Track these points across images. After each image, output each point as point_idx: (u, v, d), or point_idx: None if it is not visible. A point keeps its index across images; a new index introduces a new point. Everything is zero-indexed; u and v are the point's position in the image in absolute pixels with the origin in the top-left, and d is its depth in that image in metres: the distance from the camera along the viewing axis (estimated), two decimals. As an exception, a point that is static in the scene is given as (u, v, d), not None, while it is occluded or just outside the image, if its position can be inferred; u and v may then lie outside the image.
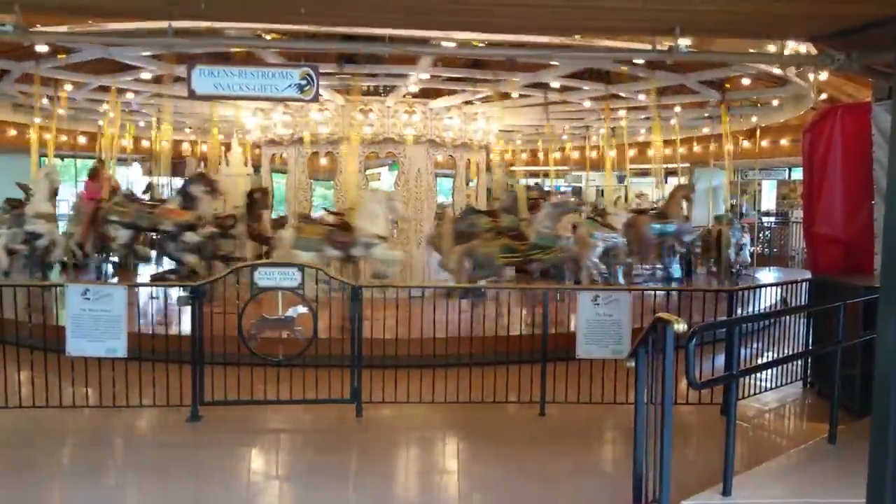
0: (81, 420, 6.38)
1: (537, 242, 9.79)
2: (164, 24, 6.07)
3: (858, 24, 5.38)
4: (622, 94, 13.03)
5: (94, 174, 13.26)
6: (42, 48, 9.44)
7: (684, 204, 13.16)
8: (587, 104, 14.14)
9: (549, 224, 9.83)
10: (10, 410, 6.21)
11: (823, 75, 11.14)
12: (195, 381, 6.32)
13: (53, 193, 11.34)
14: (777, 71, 10.29)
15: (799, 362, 7.51)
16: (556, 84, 12.13)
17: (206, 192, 10.96)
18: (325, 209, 12.24)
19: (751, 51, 8.73)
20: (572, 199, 13.18)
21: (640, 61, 8.75)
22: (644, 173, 20.65)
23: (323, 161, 13.72)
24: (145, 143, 20.23)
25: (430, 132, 12.77)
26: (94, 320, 6.24)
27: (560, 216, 9.94)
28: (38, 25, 7.52)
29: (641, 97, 13.21)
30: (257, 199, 12.24)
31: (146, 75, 11.71)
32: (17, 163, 14.29)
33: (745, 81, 12.34)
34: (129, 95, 13.58)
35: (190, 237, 10.70)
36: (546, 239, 9.78)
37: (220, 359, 6.60)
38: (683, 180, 16.30)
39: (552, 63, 10.33)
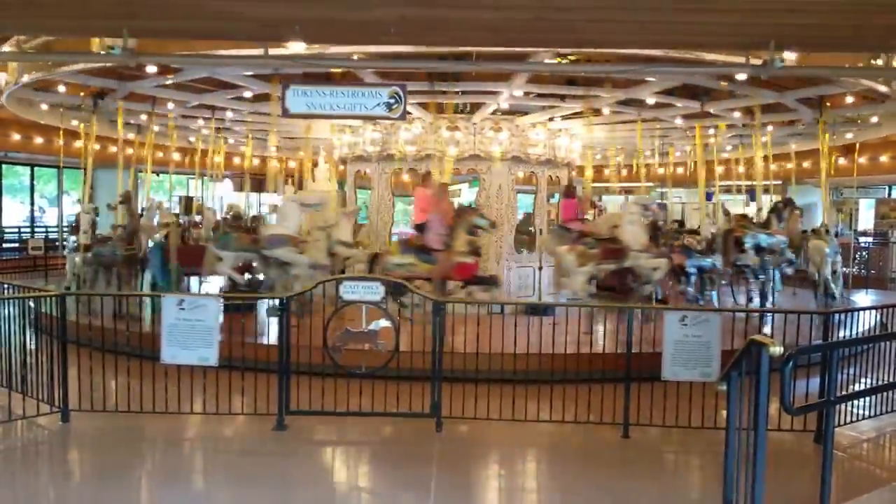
0: (171, 426, 6.62)
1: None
2: (259, 51, 6.30)
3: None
4: (713, 112, 12.74)
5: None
6: (152, 68, 9.89)
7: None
8: (678, 121, 13.89)
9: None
10: (103, 414, 6.50)
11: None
12: (281, 390, 6.47)
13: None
14: (883, 88, 9.87)
15: (899, 390, 7.12)
16: (651, 101, 11.98)
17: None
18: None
19: (849, 65, 8.41)
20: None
21: (743, 76, 8.54)
22: (728, 190, 20.09)
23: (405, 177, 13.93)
24: (236, 160, 20.98)
25: (516, 149, 12.79)
26: (188, 329, 6.48)
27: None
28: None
29: (736, 114, 12.90)
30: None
31: (247, 94, 12.10)
32: (110, 177, 14.94)
33: (849, 99, 11.89)
34: (229, 114, 14.08)
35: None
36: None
37: (305, 369, 6.75)
38: (776, 198, 15.72)
39: (648, 79, 10.20)
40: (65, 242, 13.92)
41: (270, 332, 7.79)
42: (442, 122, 12.23)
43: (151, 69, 9.88)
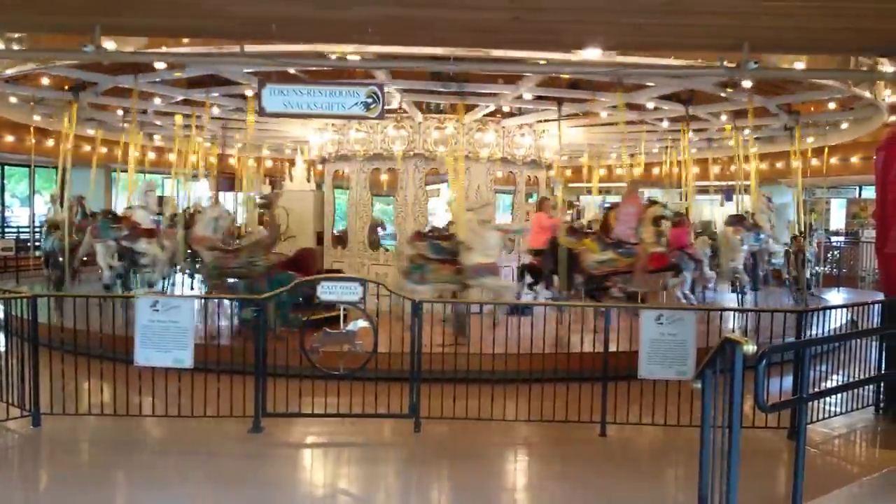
0: (145, 429, 6.55)
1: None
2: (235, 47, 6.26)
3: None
4: (699, 115, 12.92)
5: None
6: (160, 64, 9.72)
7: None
8: (665, 124, 14.02)
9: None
10: (76, 418, 6.41)
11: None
12: (258, 392, 6.43)
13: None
14: (868, 94, 10.06)
15: (870, 387, 7.24)
16: (651, 105, 12.16)
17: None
18: None
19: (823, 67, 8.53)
20: None
21: (748, 84, 8.65)
22: (704, 191, 20.30)
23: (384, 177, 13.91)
24: (211, 160, 20.75)
25: (502, 150, 12.87)
26: (162, 331, 6.41)
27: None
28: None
29: (724, 118, 13.07)
30: None
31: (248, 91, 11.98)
32: (83, 175, 14.67)
33: (832, 105, 12.13)
34: (215, 110, 13.94)
35: None
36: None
37: (282, 371, 6.72)
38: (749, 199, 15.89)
39: (648, 84, 10.29)
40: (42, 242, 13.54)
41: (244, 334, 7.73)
42: (431, 122, 12.27)
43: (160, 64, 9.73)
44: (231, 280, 9.90)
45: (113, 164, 17.04)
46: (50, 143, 15.98)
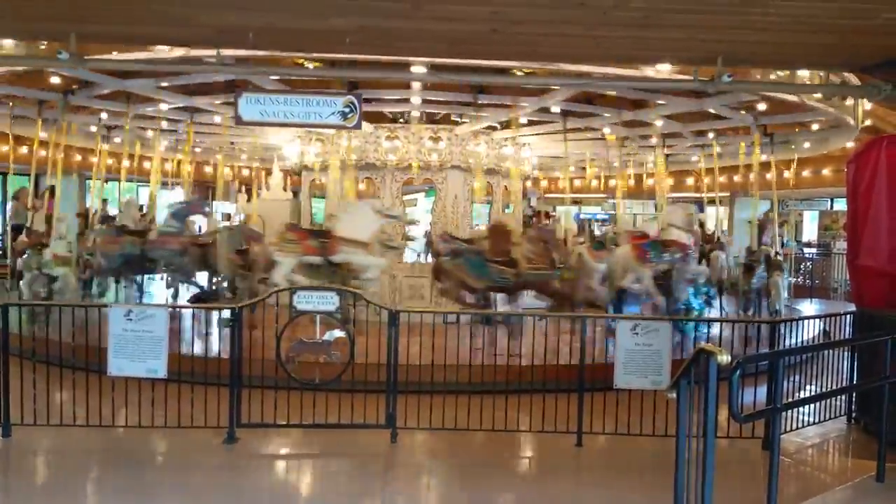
0: (118, 440, 6.46)
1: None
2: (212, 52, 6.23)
3: (906, 54, 5.33)
4: (657, 123, 13.05)
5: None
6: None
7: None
8: (607, 130, 14.14)
9: None
10: (48, 428, 6.31)
11: (868, 105, 11.03)
12: (232, 403, 6.37)
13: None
14: (833, 109, 10.23)
15: (843, 396, 7.33)
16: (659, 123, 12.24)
17: None
18: None
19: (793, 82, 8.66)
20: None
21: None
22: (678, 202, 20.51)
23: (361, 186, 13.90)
24: (188, 168, 20.57)
25: (457, 158, 12.81)
26: (135, 341, 6.33)
27: None
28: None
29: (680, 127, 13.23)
30: None
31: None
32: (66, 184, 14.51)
33: (815, 127, 12.36)
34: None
35: None
36: None
37: (257, 381, 6.66)
38: (724, 210, 16.11)
39: (553, 87, 10.30)
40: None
41: (222, 343, 7.66)
42: (425, 133, 12.32)
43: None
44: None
45: (87, 172, 16.84)
46: (23, 150, 15.73)
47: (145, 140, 16.15)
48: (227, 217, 17.11)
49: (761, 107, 11.42)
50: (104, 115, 13.48)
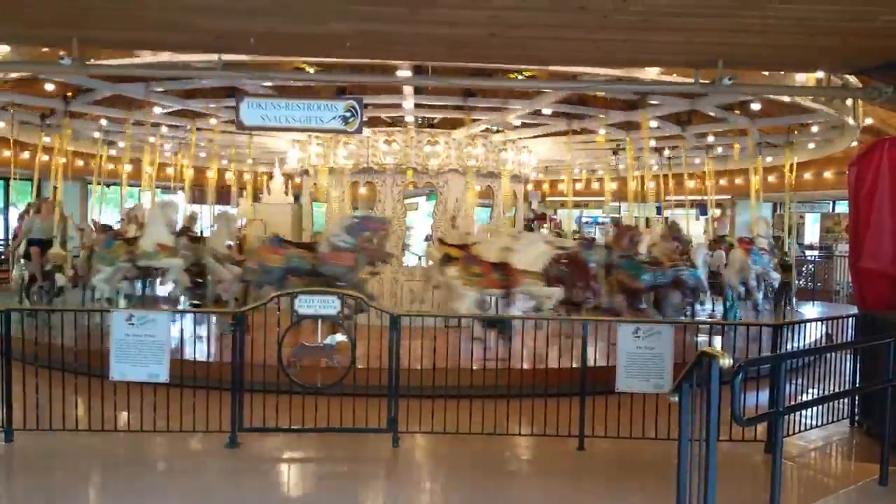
0: (120, 444, 6.45)
1: None
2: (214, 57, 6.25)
3: (906, 56, 5.33)
4: (656, 125, 13.07)
5: None
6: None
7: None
8: (652, 143, 14.18)
9: None
10: (50, 433, 6.31)
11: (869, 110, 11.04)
12: (234, 407, 6.37)
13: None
14: (832, 111, 10.22)
15: (845, 400, 7.32)
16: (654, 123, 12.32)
17: None
18: None
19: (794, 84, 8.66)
20: None
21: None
22: (680, 205, 20.50)
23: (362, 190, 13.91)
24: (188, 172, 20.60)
25: (456, 162, 12.83)
26: (137, 345, 6.33)
27: None
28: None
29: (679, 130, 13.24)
30: None
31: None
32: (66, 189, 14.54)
33: (815, 129, 12.36)
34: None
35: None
36: None
37: (259, 386, 6.65)
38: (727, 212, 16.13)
39: (544, 91, 10.33)
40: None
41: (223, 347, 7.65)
42: (424, 136, 12.34)
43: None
44: None
45: (88, 177, 16.87)
46: (25, 155, 15.77)
47: (146, 144, 16.17)
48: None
49: (755, 106, 11.40)
50: (104, 122, 13.48)
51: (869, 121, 12.64)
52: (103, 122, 13.58)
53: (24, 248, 11.92)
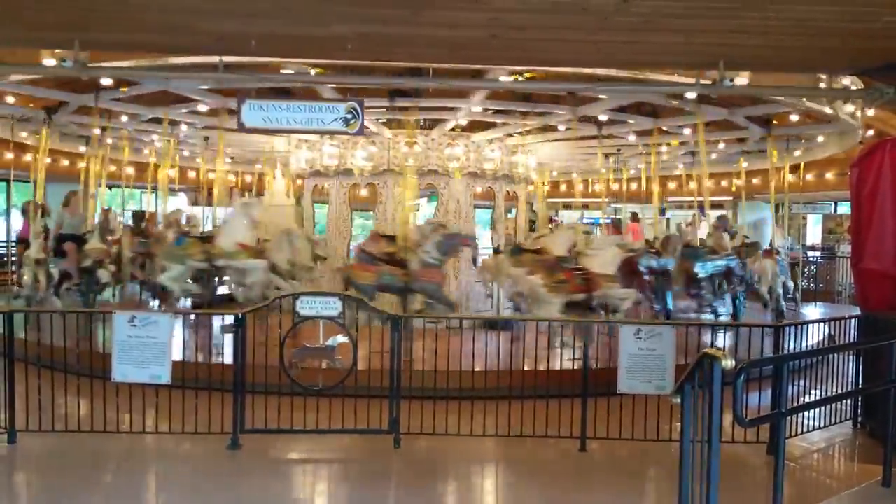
0: (123, 445, 6.46)
1: None
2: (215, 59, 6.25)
3: (908, 57, 5.33)
4: (666, 129, 13.03)
5: None
6: (106, 81, 9.59)
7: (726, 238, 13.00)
8: (631, 138, 14.15)
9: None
10: (53, 434, 6.32)
11: (871, 111, 11.00)
12: (236, 408, 6.37)
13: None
14: (827, 110, 10.19)
15: (848, 401, 7.31)
16: (603, 117, 12.21)
17: None
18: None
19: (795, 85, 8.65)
20: None
21: (692, 96, 8.88)
22: (680, 206, 20.51)
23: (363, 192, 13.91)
24: (191, 174, 20.67)
25: (473, 164, 12.89)
26: (140, 347, 6.34)
27: None
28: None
29: (686, 131, 13.19)
30: None
31: (203, 107, 11.92)
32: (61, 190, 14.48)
33: (794, 118, 12.25)
34: (182, 127, 13.88)
35: None
36: None
37: (260, 387, 6.66)
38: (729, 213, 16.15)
39: (599, 97, 10.39)
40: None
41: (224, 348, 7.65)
42: (401, 138, 12.27)
43: (106, 81, 9.64)
44: None
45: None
46: (27, 157, 15.78)
47: (149, 146, 16.19)
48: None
49: (753, 108, 11.38)
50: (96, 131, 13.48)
51: (870, 133, 12.69)
52: (123, 118, 13.45)
53: (52, 245, 11.51)
